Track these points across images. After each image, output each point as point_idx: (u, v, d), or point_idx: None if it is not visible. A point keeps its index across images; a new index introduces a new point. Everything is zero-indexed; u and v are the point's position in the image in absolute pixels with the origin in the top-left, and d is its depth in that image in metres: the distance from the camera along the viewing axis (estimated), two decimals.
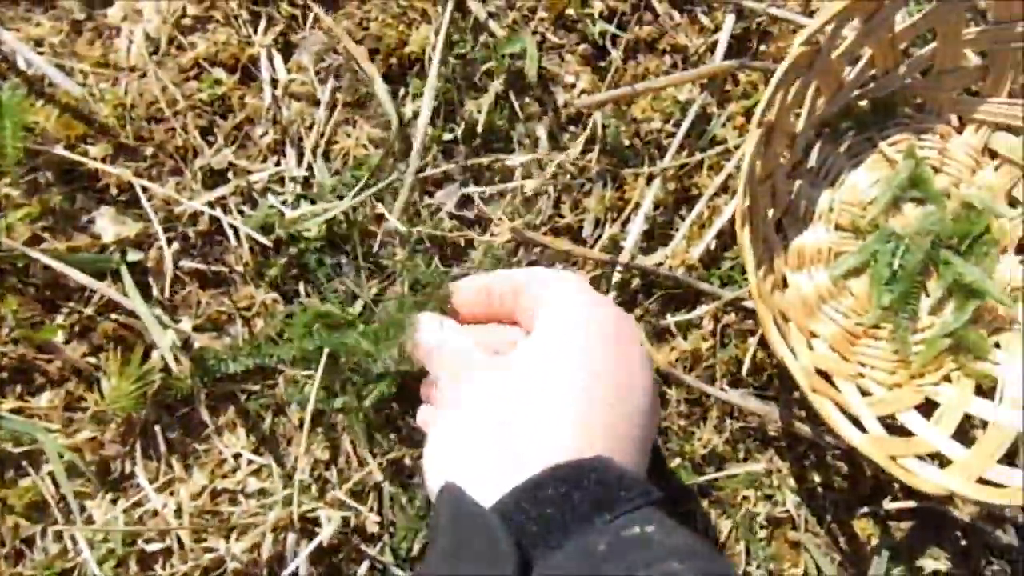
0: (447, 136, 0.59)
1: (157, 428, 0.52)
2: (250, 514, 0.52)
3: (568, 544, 0.30)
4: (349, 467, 0.56)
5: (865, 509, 0.65)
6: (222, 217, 0.54)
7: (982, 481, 0.55)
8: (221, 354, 0.54)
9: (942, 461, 0.58)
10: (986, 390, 0.62)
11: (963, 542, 0.66)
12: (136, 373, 0.51)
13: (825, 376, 0.59)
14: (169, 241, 0.54)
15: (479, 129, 0.58)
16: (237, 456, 0.55)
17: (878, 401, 0.60)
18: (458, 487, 0.33)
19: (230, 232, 0.55)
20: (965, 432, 0.61)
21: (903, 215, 0.63)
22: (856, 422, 0.57)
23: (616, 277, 0.60)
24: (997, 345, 0.64)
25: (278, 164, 0.57)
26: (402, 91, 0.59)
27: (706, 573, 0.28)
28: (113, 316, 0.52)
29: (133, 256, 0.52)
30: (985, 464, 0.56)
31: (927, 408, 0.61)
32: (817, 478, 0.65)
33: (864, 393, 0.61)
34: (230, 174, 0.55)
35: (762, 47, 0.65)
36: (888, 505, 0.65)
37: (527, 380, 0.37)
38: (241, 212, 0.55)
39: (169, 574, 0.49)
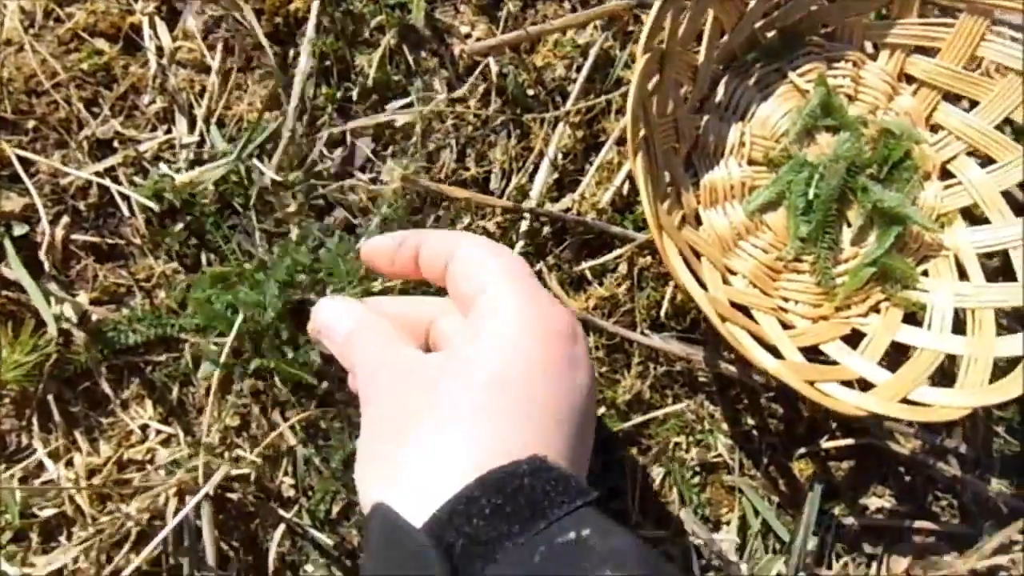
0: (342, 94, 0.58)
1: (53, 401, 0.52)
2: (158, 482, 0.52)
3: (502, 558, 0.29)
4: (261, 433, 0.55)
5: (803, 450, 0.63)
6: (111, 186, 0.53)
7: (906, 402, 0.54)
8: (121, 325, 0.54)
9: (867, 387, 0.56)
10: (918, 319, 0.61)
11: (907, 478, 0.65)
12: (28, 346, 0.50)
13: (744, 311, 0.58)
14: (58, 215, 0.53)
15: (370, 84, 0.57)
16: (144, 427, 0.54)
17: (800, 333, 0.59)
18: (388, 507, 0.31)
19: (122, 203, 0.54)
20: (900, 364, 0.60)
21: (818, 145, 0.62)
22: (776, 353, 0.55)
23: (524, 226, 0.59)
24: (926, 273, 0.62)
25: (168, 132, 0.56)
26: (292, 52, 0.58)
27: None
28: (3, 292, 0.52)
29: (19, 230, 0.52)
30: (909, 387, 0.55)
31: (856, 340, 0.60)
32: (751, 421, 0.63)
33: (787, 327, 0.59)
34: (116, 143, 0.55)
35: None
36: (826, 444, 0.63)
37: (457, 383, 0.34)
38: (132, 183, 0.55)
39: (75, 546, 0.48)
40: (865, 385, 0.56)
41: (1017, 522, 0.63)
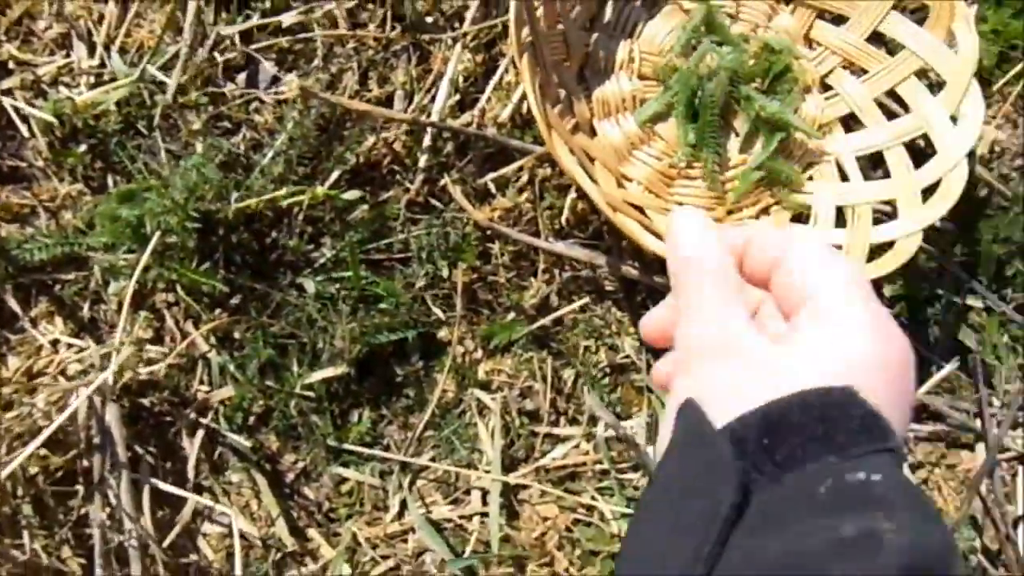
0: (243, 23, 0.60)
1: None
2: (69, 388, 0.52)
3: (789, 480, 0.28)
4: (175, 344, 0.56)
5: None
6: (8, 103, 0.54)
7: None
8: (25, 244, 0.54)
9: None
10: (805, 218, 0.65)
11: None
12: None
13: (639, 210, 0.61)
14: None
15: (269, 6, 0.59)
16: (55, 342, 0.54)
17: None
18: (696, 404, 0.31)
19: (22, 125, 0.55)
20: None
21: (703, 61, 0.66)
22: None
23: (427, 141, 0.62)
24: (811, 178, 0.67)
25: (67, 57, 0.57)
26: None
27: (915, 539, 0.25)
28: None
29: None
30: None
31: None
32: None
33: None
34: (12, 65, 0.55)
35: None
36: None
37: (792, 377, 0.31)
38: (32, 105, 0.56)
39: None
40: None
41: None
